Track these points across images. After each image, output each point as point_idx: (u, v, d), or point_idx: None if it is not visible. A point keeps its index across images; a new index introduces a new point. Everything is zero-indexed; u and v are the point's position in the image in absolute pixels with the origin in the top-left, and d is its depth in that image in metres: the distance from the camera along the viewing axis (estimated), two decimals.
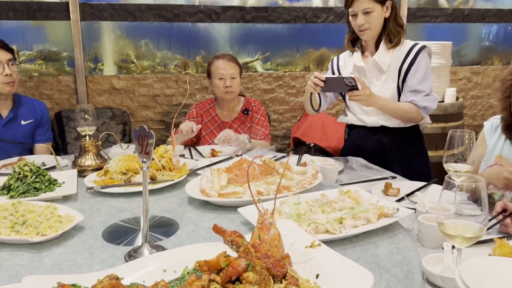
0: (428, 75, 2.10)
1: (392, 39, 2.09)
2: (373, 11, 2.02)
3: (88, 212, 1.48)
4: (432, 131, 3.37)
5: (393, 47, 2.10)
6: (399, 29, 2.09)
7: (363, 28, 2.06)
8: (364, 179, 1.92)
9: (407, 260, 1.14)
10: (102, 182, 1.69)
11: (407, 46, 2.11)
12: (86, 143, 1.89)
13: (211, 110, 2.79)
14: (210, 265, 0.98)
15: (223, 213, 1.48)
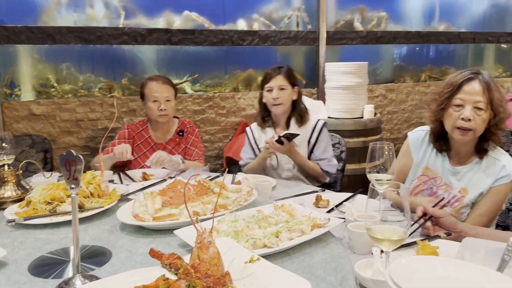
0: (329, 144, 2.51)
1: (302, 117, 2.47)
2: (286, 89, 2.41)
3: (11, 246, 1.37)
4: (354, 145, 3.58)
5: (302, 125, 2.47)
6: (304, 110, 2.51)
7: (278, 102, 2.40)
8: (296, 193, 1.99)
9: (340, 267, 1.20)
10: (25, 213, 1.57)
11: (312, 124, 2.49)
12: (4, 173, 1.75)
13: (143, 132, 2.72)
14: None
15: (159, 237, 1.45)
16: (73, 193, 1.09)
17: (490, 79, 1.67)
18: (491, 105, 1.65)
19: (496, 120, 1.66)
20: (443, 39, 4.92)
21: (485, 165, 1.74)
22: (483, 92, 1.64)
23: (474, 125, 1.65)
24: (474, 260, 1.08)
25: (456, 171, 1.80)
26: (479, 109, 1.65)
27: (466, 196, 1.75)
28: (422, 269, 0.80)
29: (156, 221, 1.47)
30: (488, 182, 1.71)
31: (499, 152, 1.75)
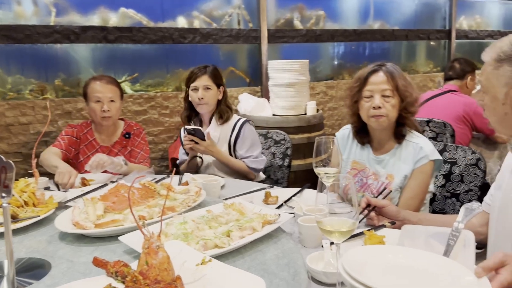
0: (255, 141, 2.52)
1: (222, 115, 2.52)
2: (211, 89, 2.47)
3: None
4: (299, 141, 3.64)
5: (222, 124, 2.51)
6: (227, 109, 2.55)
7: (202, 102, 2.45)
8: (245, 191, 1.97)
9: (292, 262, 1.20)
10: None
11: (233, 122, 2.53)
12: None
13: (87, 134, 2.57)
14: None
15: (103, 244, 1.37)
16: (4, 203, 1.00)
17: (393, 69, 1.84)
18: (397, 91, 1.80)
19: (404, 104, 1.81)
20: (378, 36, 5.14)
21: (405, 150, 1.86)
22: (388, 81, 1.80)
23: (385, 111, 1.79)
24: (415, 246, 1.13)
25: (380, 160, 1.91)
26: (386, 97, 1.79)
27: (393, 182, 1.85)
28: (374, 258, 0.82)
29: (99, 228, 1.39)
30: (409, 165, 1.83)
31: (415, 135, 1.88)
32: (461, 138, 3.19)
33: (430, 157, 1.80)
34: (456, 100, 3.29)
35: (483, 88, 1.28)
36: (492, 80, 1.24)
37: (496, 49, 1.23)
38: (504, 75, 1.20)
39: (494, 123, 1.30)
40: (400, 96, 1.81)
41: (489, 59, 1.24)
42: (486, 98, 1.27)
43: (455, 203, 2.10)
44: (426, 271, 0.78)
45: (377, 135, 1.92)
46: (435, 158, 1.80)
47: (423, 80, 5.62)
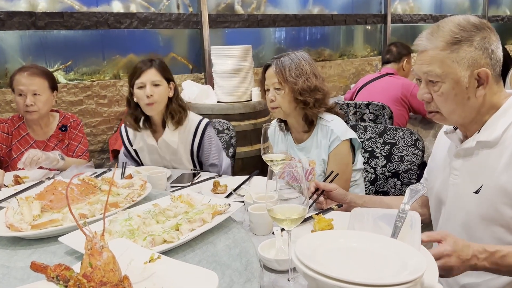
0: (218, 148, 2.33)
1: (174, 116, 2.20)
2: (161, 85, 2.15)
3: None
4: (245, 128, 3.63)
5: (178, 127, 2.23)
6: (180, 109, 2.23)
7: (152, 100, 2.12)
8: (193, 181, 1.93)
9: (244, 251, 1.19)
10: None
11: (193, 125, 2.27)
12: None
13: (20, 129, 2.38)
14: None
15: (41, 246, 1.28)
16: None
17: (287, 60, 1.89)
18: (286, 82, 1.87)
19: (295, 94, 1.86)
20: (318, 21, 5.21)
21: (319, 134, 1.94)
22: (277, 73, 1.89)
23: (277, 103, 1.90)
24: (365, 228, 1.16)
25: (301, 147, 1.99)
26: (277, 89, 1.89)
27: (316, 167, 1.91)
28: (326, 243, 0.82)
29: (36, 229, 1.29)
30: (325, 149, 1.91)
31: (327, 119, 1.94)
32: (399, 119, 3.34)
33: (341, 137, 1.87)
34: (394, 82, 3.43)
35: (435, 77, 1.20)
36: (451, 65, 1.17)
37: (445, 33, 1.18)
38: (466, 57, 1.16)
39: (451, 112, 1.22)
40: (290, 87, 1.86)
41: (439, 44, 1.18)
42: (442, 87, 1.20)
43: (396, 182, 2.20)
44: (376, 253, 0.80)
45: (291, 124, 2.00)
46: (347, 138, 1.88)
47: (361, 64, 5.80)
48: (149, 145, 2.27)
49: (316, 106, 1.89)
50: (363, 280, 0.67)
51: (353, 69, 5.69)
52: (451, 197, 1.32)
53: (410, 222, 1.09)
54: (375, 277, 0.70)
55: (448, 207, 1.34)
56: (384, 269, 0.75)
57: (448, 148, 1.38)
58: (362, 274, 0.73)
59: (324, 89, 1.92)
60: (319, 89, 1.89)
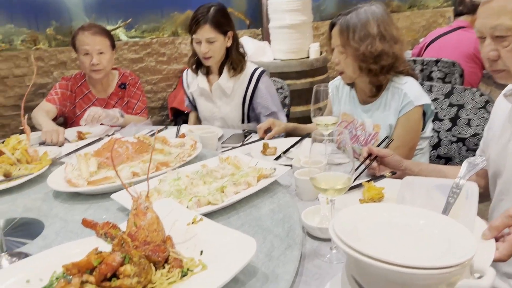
0: (273, 95, 2.31)
1: (235, 67, 2.23)
2: (216, 41, 2.15)
3: None
4: (301, 86, 3.52)
5: (235, 75, 2.24)
6: (240, 58, 2.25)
7: (207, 56, 2.18)
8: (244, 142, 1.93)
9: (288, 217, 1.17)
10: None
11: (248, 72, 2.26)
12: None
13: (82, 87, 2.48)
14: (80, 267, 0.88)
15: (96, 202, 1.35)
16: None
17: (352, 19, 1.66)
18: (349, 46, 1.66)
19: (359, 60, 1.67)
20: None
21: (390, 97, 1.75)
22: (339, 35, 1.68)
23: (341, 67, 1.73)
24: (415, 199, 1.08)
25: (366, 109, 1.83)
26: (341, 53, 1.70)
27: (380, 132, 1.78)
28: (368, 217, 0.77)
29: (91, 186, 1.37)
30: (394, 114, 1.74)
31: (400, 81, 1.74)
32: (471, 78, 3.06)
33: (415, 102, 1.68)
34: (467, 37, 3.12)
35: (506, 31, 1.06)
36: None
37: None
38: None
39: None
40: (352, 52, 1.67)
41: None
42: None
43: (460, 147, 2.04)
44: (423, 231, 0.74)
45: (359, 85, 1.84)
46: (421, 103, 1.69)
47: (432, 16, 5.34)
48: (203, 89, 2.31)
49: (383, 73, 1.69)
50: (402, 261, 0.62)
51: (423, 22, 5.26)
52: (509, 167, 1.19)
53: (466, 194, 1.00)
54: (418, 258, 0.64)
55: (506, 179, 1.21)
56: (429, 249, 0.69)
57: (509, 113, 1.23)
58: (403, 254, 0.67)
59: (395, 53, 1.69)
60: (387, 54, 1.66)
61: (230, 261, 0.90)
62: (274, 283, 0.90)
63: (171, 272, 0.90)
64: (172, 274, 0.90)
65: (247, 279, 0.92)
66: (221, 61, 2.25)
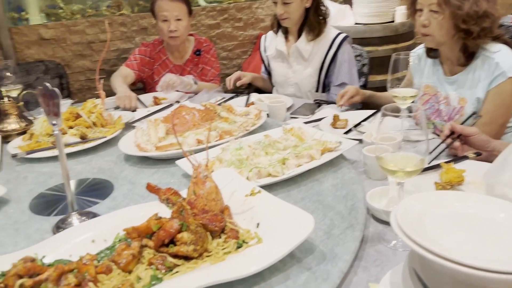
0: (352, 66, 2.18)
1: (313, 30, 2.12)
2: (292, 2, 2.05)
3: (14, 182, 1.35)
4: (383, 53, 3.29)
5: (314, 39, 2.13)
6: (320, 20, 2.13)
7: (282, 17, 2.10)
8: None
9: (351, 194, 1.11)
10: (28, 147, 1.54)
11: (330, 37, 2.14)
12: (5, 105, 1.69)
13: (160, 53, 2.54)
14: (140, 231, 0.90)
15: (163, 167, 1.39)
16: (55, 130, 1.01)
17: None
18: (447, 5, 1.48)
19: (457, 22, 1.48)
20: None
21: (479, 67, 1.55)
22: None
23: (430, 30, 1.55)
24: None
25: (452, 81, 1.65)
26: (434, 12, 1.52)
27: (465, 106, 1.59)
28: (438, 207, 0.68)
29: (159, 151, 1.40)
30: (484, 85, 1.54)
31: (492, 49, 1.54)
32: None
33: (508, 73, 1.48)
34: None
35: None
36: None
37: None
38: None
39: None
40: (452, 11, 1.48)
41: None
42: None
43: None
44: (503, 226, 0.64)
45: (444, 53, 1.65)
46: None
47: None
48: (280, 52, 2.23)
49: (481, 36, 1.51)
50: (476, 262, 0.54)
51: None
52: None
53: None
54: (494, 259, 0.56)
55: None
56: (508, 249, 0.59)
57: None
58: (476, 252, 0.59)
59: (495, 14, 1.51)
60: (489, 14, 1.49)
61: (286, 236, 0.87)
62: (332, 263, 0.86)
63: (227, 243, 0.90)
64: (228, 244, 0.89)
65: (303, 256, 0.88)
66: (299, 22, 2.15)
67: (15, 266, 0.79)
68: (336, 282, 0.82)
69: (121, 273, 0.83)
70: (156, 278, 0.82)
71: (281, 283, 0.82)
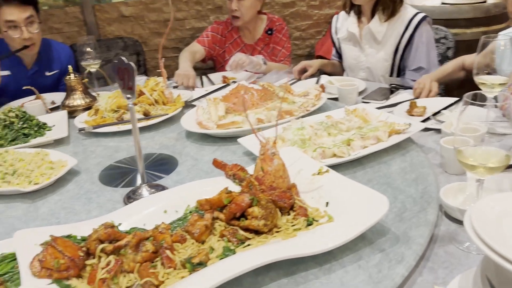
0: (430, 49, 1.98)
1: (386, 7, 1.94)
2: None
3: (82, 155, 1.41)
4: (471, 36, 3.03)
5: (388, 19, 1.96)
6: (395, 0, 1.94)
7: None
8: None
9: (422, 178, 1.07)
10: (94, 122, 1.59)
11: (406, 17, 1.96)
12: (71, 81, 1.76)
13: (233, 32, 2.48)
14: (212, 204, 0.92)
15: (224, 144, 1.40)
16: (129, 103, 1.03)
17: None
18: None
19: None
20: None
21: None
22: None
23: None
24: None
25: None
26: None
27: None
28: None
29: (220, 129, 1.41)
30: None
31: None
32: None
33: None
34: None
35: None
36: None
37: None
38: None
39: None
40: None
41: None
42: None
43: None
44: None
45: None
46: None
47: None
48: (352, 34, 2.09)
49: None
50: None
51: None
52: None
53: None
54: None
55: None
56: None
57: None
58: None
59: None
60: None
61: (358, 217, 0.86)
62: (406, 246, 0.84)
63: (296, 220, 0.90)
64: (298, 221, 0.89)
65: (375, 238, 0.87)
66: (373, 1, 1.97)
67: (96, 232, 0.82)
68: (412, 264, 0.80)
69: (194, 243, 0.85)
70: (229, 249, 0.83)
71: (353, 262, 0.82)
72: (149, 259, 0.80)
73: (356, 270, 0.80)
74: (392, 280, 0.76)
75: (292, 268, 0.81)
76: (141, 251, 0.81)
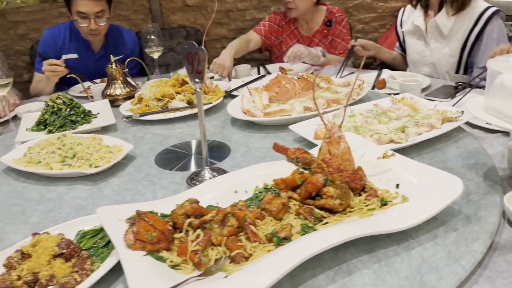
0: (503, 43, 1.81)
1: (455, 2, 1.85)
2: None
3: (133, 141, 1.43)
4: None
5: (457, 12, 1.87)
6: None
7: None
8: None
9: (481, 163, 1.10)
10: (139, 110, 1.62)
11: (477, 11, 1.85)
12: (112, 70, 1.78)
13: (290, 23, 2.45)
14: (286, 183, 0.94)
15: (271, 132, 1.43)
16: (197, 88, 1.05)
17: None
18: None
19: None
20: None
21: None
22: None
23: None
24: None
25: None
26: None
27: None
28: None
29: (268, 117, 1.44)
30: None
31: None
32: None
33: None
34: None
35: None
36: None
37: None
38: None
39: None
40: None
41: None
42: None
43: None
44: None
45: None
46: None
47: None
48: (417, 27, 2.02)
49: None
50: None
51: None
52: None
53: None
54: None
55: None
56: None
57: None
58: None
59: None
60: None
61: (431, 197, 0.88)
62: (478, 225, 0.87)
63: (368, 200, 0.92)
64: (371, 202, 0.91)
65: (446, 219, 0.89)
66: None
67: (182, 207, 0.85)
68: (488, 242, 0.82)
69: (273, 220, 0.88)
70: (308, 226, 0.85)
71: (430, 240, 0.84)
72: (234, 233, 0.83)
73: (434, 247, 0.82)
74: (472, 256, 0.79)
75: (369, 245, 0.84)
76: (227, 225, 0.83)
